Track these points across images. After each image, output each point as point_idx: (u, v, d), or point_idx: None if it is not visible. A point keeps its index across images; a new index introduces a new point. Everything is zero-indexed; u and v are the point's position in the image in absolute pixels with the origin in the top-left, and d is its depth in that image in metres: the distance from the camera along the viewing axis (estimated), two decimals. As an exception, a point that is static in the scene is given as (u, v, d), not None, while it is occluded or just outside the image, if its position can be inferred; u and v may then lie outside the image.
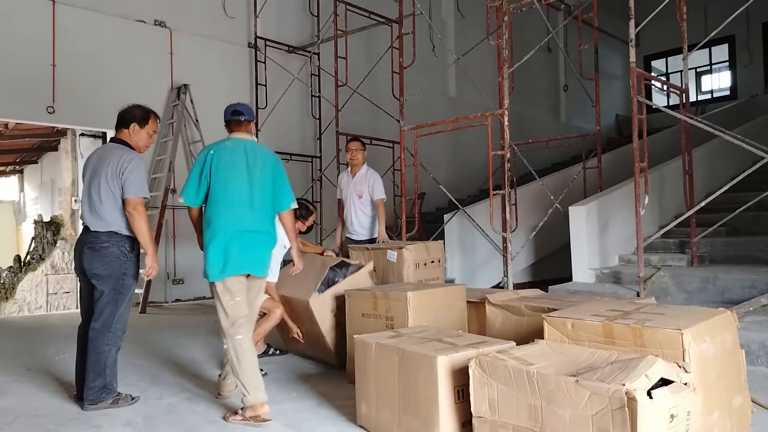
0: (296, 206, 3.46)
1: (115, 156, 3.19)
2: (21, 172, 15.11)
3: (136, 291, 6.65)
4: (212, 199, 3.12)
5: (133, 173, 3.15)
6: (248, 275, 3.12)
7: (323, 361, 4.13)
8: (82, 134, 8.25)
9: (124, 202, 3.15)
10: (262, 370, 3.81)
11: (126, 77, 7.20)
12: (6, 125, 9.25)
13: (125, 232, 3.20)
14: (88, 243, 3.19)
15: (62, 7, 6.77)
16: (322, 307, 3.89)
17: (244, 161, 3.17)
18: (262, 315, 3.99)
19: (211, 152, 3.18)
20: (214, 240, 3.05)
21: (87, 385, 3.14)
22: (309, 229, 4.41)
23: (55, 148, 11.63)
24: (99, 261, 3.15)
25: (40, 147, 12.03)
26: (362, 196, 5.19)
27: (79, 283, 3.40)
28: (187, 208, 3.23)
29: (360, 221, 5.21)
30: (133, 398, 3.27)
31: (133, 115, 3.33)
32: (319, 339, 3.96)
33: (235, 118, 3.31)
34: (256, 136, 8.29)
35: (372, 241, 5.15)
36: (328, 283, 4.01)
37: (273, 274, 4.00)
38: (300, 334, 4.05)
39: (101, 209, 3.17)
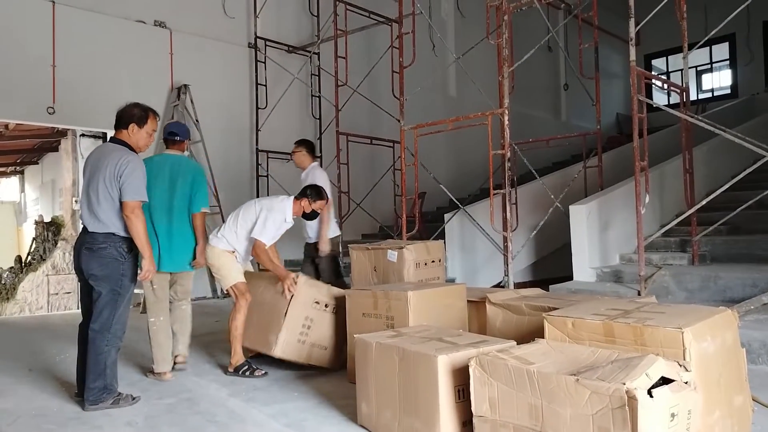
0: (207, 210, 3.97)
1: (114, 157, 3.17)
2: (22, 172, 15.12)
3: (137, 291, 6.68)
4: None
5: (131, 176, 3.14)
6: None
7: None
8: (83, 135, 8.25)
9: (121, 204, 3.16)
10: (261, 369, 3.85)
11: (126, 78, 7.21)
12: (6, 126, 9.26)
13: (123, 234, 3.20)
14: (86, 244, 3.18)
15: (62, 8, 6.77)
16: (290, 349, 3.74)
17: (168, 174, 3.81)
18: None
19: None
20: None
21: (87, 386, 3.14)
22: (314, 214, 4.21)
23: (56, 149, 11.64)
24: (96, 262, 3.15)
25: (41, 147, 12.04)
26: None
27: (79, 283, 3.39)
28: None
29: (308, 224, 4.89)
30: (134, 398, 3.27)
31: (131, 115, 3.30)
32: (312, 364, 3.93)
33: (171, 138, 3.98)
34: (256, 136, 8.32)
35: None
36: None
37: (245, 262, 4.11)
38: None
39: (99, 210, 3.16)
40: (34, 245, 11.64)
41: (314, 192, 4.15)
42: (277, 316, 3.78)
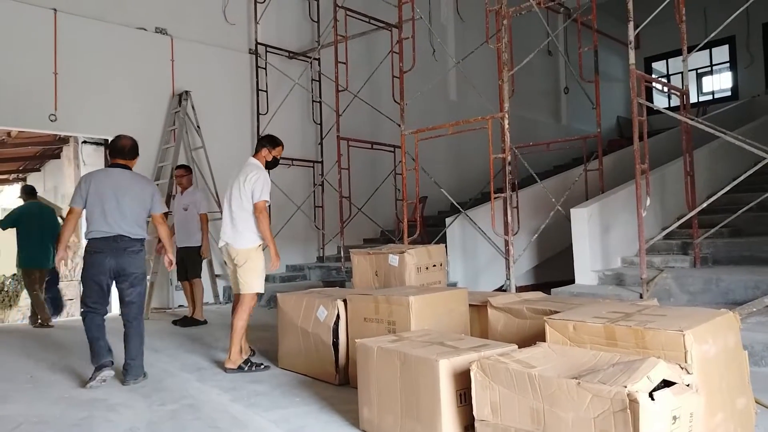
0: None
1: (144, 183, 4.07)
2: (24, 180, 15.14)
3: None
4: None
5: (157, 194, 4.10)
6: None
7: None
8: (84, 141, 8.25)
9: (151, 216, 4.06)
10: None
11: (127, 84, 7.23)
12: (9, 133, 9.29)
13: (148, 238, 4.09)
14: (128, 248, 3.86)
15: (64, 16, 6.81)
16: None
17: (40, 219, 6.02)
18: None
19: None
20: None
21: (133, 363, 3.80)
22: (275, 162, 4.38)
23: (58, 156, 11.67)
24: (138, 263, 3.92)
25: (43, 155, 12.06)
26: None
27: (94, 277, 3.81)
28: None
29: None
30: (144, 376, 3.89)
31: (137, 147, 4.11)
32: None
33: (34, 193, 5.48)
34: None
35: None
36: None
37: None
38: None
39: (139, 220, 3.93)
40: (36, 252, 11.63)
41: (269, 141, 4.37)
42: (327, 349, 3.76)
